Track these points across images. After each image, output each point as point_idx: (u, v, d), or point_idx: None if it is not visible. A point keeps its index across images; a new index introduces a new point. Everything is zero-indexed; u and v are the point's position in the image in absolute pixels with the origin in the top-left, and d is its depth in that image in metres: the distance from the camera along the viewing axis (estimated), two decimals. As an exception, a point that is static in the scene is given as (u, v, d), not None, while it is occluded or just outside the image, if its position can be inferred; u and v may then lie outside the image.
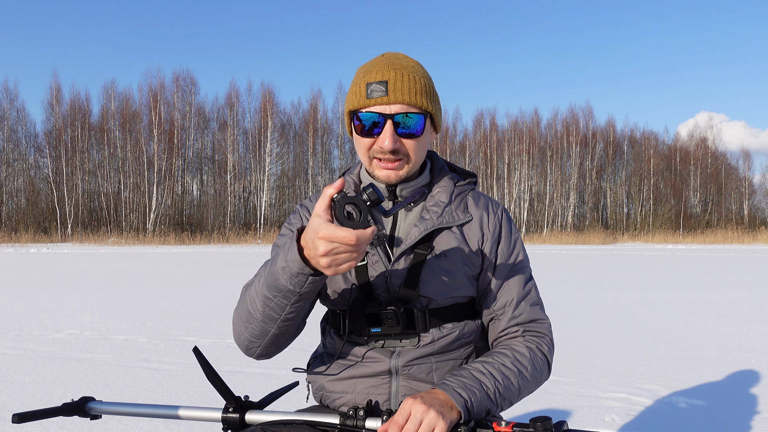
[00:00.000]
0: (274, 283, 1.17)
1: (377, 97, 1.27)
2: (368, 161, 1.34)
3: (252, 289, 1.25)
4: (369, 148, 1.32)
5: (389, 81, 1.27)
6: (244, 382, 3.94)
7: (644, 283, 11.38)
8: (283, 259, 1.14)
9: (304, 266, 1.11)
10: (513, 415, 3.28)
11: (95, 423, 3.11)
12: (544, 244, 37.71)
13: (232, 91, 46.33)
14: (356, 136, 1.33)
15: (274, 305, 1.20)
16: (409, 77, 1.29)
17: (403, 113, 1.28)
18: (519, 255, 1.43)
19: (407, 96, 1.27)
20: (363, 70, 1.34)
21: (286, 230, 1.47)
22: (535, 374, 1.33)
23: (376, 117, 1.28)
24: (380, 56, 1.36)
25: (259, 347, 1.31)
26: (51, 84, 50.36)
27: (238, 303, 1.33)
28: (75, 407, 1.31)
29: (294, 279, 1.13)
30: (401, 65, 1.31)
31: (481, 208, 1.42)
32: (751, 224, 48.25)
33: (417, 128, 1.30)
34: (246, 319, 1.27)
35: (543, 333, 1.39)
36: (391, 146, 1.28)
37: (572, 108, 57.49)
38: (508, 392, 1.27)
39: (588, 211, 48.53)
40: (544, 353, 1.37)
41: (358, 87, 1.31)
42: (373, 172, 1.35)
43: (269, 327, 1.25)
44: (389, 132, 1.27)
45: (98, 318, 6.82)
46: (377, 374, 1.34)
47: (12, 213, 39.08)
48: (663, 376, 4.24)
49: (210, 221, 41.82)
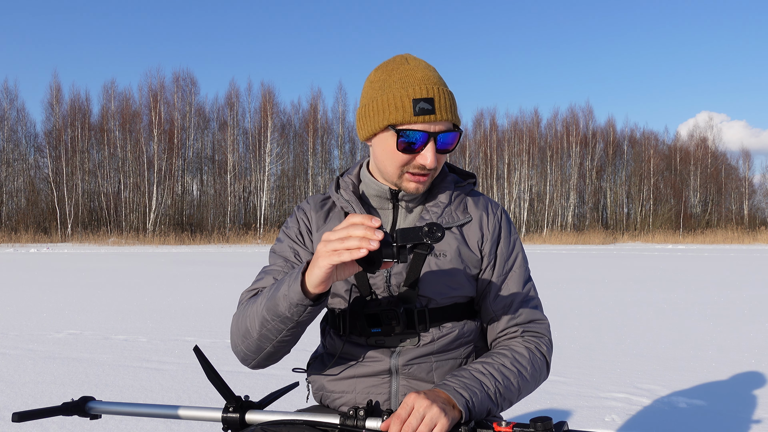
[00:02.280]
0: (274, 308, 1.19)
1: (425, 116, 1.27)
2: (398, 174, 1.33)
3: (252, 307, 1.27)
4: (406, 163, 1.31)
5: (435, 99, 1.27)
6: (244, 382, 3.94)
7: (644, 283, 11.38)
8: (287, 287, 1.16)
9: (303, 297, 1.13)
10: (513, 415, 3.28)
11: (95, 423, 3.11)
12: (544, 244, 37.71)
13: (232, 91, 46.36)
14: (393, 150, 1.31)
15: (272, 328, 1.23)
16: (448, 94, 1.30)
17: (446, 131, 1.29)
18: (518, 256, 1.43)
19: (450, 115, 1.29)
20: (400, 80, 1.29)
21: (283, 235, 1.47)
22: (535, 374, 1.34)
23: (422, 135, 1.27)
24: (405, 62, 1.33)
25: (254, 360, 1.33)
26: (51, 84, 50.38)
27: (237, 313, 1.35)
28: (75, 407, 1.31)
29: (293, 308, 1.16)
30: (438, 80, 1.31)
31: (481, 208, 1.43)
32: (751, 224, 48.27)
33: (452, 144, 1.32)
34: (243, 334, 1.30)
35: (542, 333, 1.39)
36: (434, 165, 1.29)
37: (572, 108, 57.60)
38: (508, 392, 1.28)
39: (588, 211, 48.54)
40: (543, 353, 1.37)
41: (401, 101, 1.27)
42: (401, 184, 1.35)
43: (265, 346, 1.27)
44: (432, 150, 1.28)
45: (98, 318, 6.82)
46: (377, 374, 1.34)
47: (12, 213, 39.08)
48: (663, 376, 4.24)
49: (210, 221, 41.83)
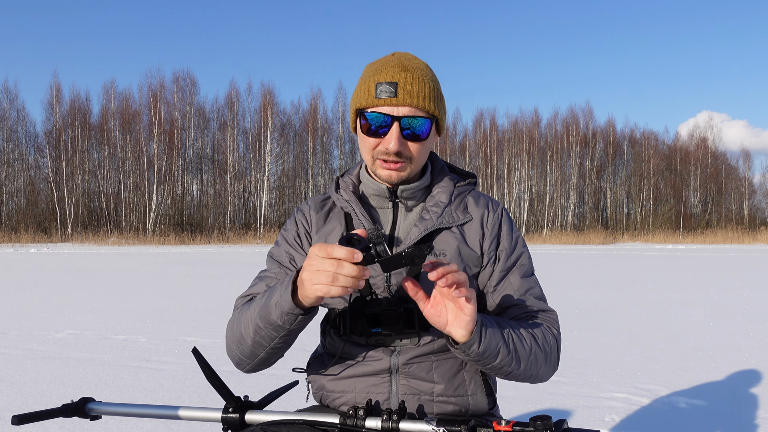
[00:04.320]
0: (267, 316, 1.21)
1: (386, 98, 1.27)
2: (371, 160, 1.35)
3: (246, 314, 1.29)
4: (374, 148, 1.32)
5: (399, 82, 1.27)
6: (244, 382, 3.94)
7: (644, 283, 11.38)
8: (278, 295, 1.18)
9: (294, 307, 1.15)
10: (513, 415, 3.28)
11: (95, 423, 3.11)
12: (544, 244, 37.71)
13: (232, 91, 46.40)
14: (361, 134, 1.33)
15: (264, 335, 1.24)
16: (418, 80, 1.29)
17: (411, 116, 1.28)
18: (521, 252, 1.42)
19: (416, 99, 1.27)
20: (372, 68, 1.34)
21: (281, 239, 1.48)
22: (546, 348, 1.30)
23: (384, 118, 1.28)
24: (390, 55, 1.36)
25: (249, 365, 1.36)
26: (51, 84, 50.36)
27: (232, 318, 1.37)
28: (75, 408, 1.31)
29: (284, 317, 1.18)
30: (411, 67, 1.31)
31: (481, 207, 1.42)
32: (751, 224, 48.25)
33: (423, 131, 1.30)
34: (238, 339, 1.32)
35: (551, 321, 1.37)
36: (397, 148, 1.28)
37: (572, 108, 57.62)
38: (519, 344, 1.25)
39: (588, 211, 48.53)
40: (554, 336, 1.34)
41: (367, 85, 1.30)
42: (375, 171, 1.36)
43: (258, 352, 1.30)
44: (395, 134, 1.28)
45: (98, 318, 6.82)
46: (377, 373, 1.33)
47: (12, 213, 39.08)
48: (663, 376, 4.24)
49: (210, 221, 41.83)
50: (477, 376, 1.36)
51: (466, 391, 1.34)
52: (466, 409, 1.35)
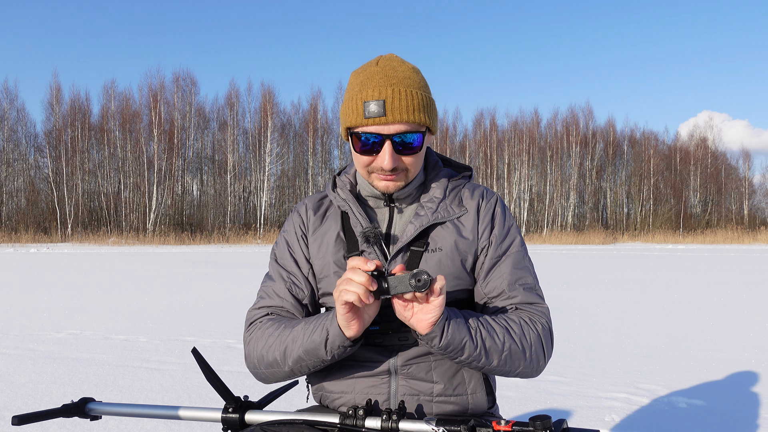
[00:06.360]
0: (314, 351, 1.25)
1: (375, 117, 1.26)
2: (367, 174, 1.36)
3: (278, 343, 1.31)
4: (368, 164, 1.33)
5: (386, 99, 1.25)
6: (244, 382, 3.94)
7: (644, 283, 11.38)
8: (325, 331, 1.22)
9: (344, 339, 1.20)
10: (513, 414, 3.28)
11: (95, 423, 3.11)
12: (544, 244, 37.71)
13: (232, 91, 46.34)
14: (354, 152, 1.33)
15: (307, 364, 1.29)
16: (406, 93, 1.27)
17: (402, 132, 1.27)
18: (513, 240, 1.41)
19: (405, 115, 1.26)
20: (358, 80, 1.31)
21: (282, 240, 1.48)
22: (524, 342, 1.27)
23: (374, 137, 1.28)
24: (374, 65, 1.33)
25: (274, 382, 1.40)
26: (51, 84, 50.35)
27: (253, 337, 1.37)
28: (75, 408, 1.31)
29: (335, 350, 1.23)
30: (398, 78, 1.28)
31: (476, 197, 1.42)
32: (751, 224, 48.24)
33: (415, 144, 1.30)
34: (269, 363, 1.34)
35: (539, 315, 1.34)
36: (391, 166, 1.29)
37: (572, 108, 57.56)
38: (490, 339, 1.23)
39: (588, 211, 48.53)
40: (539, 332, 1.31)
41: (354, 103, 1.29)
42: (372, 183, 1.37)
43: (296, 375, 1.35)
44: (388, 152, 1.28)
45: (98, 318, 6.82)
46: (376, 374, 1.34)
47: (12, 213, 39.08)
48: (663, 376, 4.24)
49: (210, 221, 41.82)
50: (476, 375, 1.36)
51: (466, 390, 1.34)
52: (466, 408, 1.35)
